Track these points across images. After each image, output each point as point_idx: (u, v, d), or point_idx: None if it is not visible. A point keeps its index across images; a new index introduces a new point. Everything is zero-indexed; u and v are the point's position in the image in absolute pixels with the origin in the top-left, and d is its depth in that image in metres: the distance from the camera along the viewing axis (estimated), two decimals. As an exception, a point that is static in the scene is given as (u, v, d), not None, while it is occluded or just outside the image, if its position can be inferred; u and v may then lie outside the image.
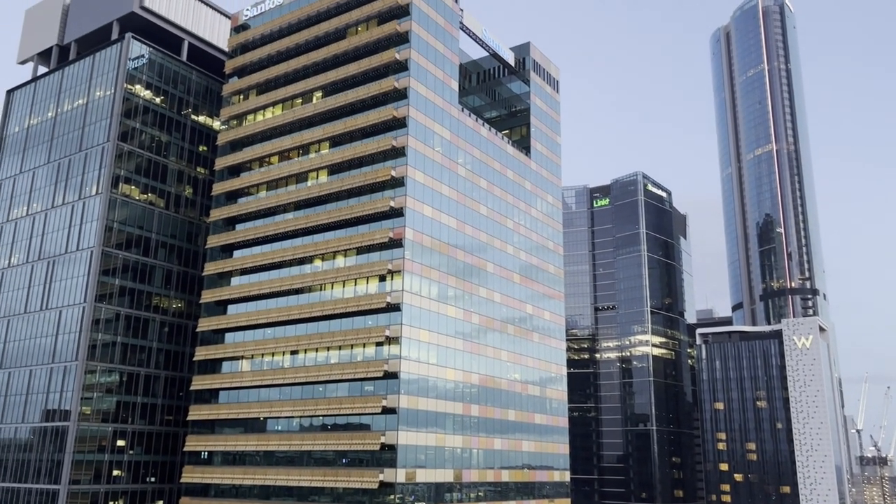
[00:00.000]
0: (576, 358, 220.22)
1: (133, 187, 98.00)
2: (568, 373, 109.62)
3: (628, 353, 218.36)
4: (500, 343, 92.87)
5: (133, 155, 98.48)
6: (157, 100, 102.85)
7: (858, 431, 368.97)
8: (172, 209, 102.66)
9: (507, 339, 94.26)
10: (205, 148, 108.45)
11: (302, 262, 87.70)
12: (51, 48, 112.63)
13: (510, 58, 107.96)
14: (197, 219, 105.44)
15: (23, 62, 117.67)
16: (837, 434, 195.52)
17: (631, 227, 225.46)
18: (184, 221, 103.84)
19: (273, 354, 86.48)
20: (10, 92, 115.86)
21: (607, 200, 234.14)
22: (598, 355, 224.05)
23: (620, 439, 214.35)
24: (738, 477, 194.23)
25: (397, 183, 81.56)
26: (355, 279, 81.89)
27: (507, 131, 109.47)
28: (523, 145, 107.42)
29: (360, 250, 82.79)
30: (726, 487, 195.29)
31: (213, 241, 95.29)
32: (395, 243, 79.71)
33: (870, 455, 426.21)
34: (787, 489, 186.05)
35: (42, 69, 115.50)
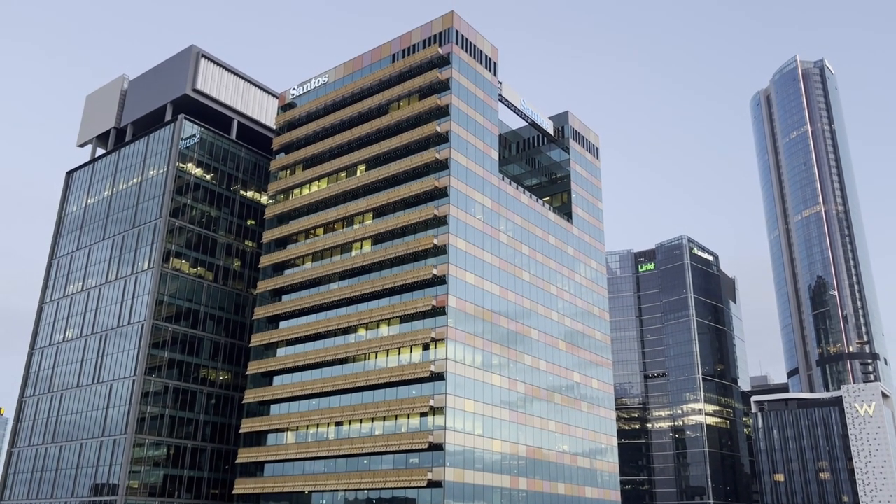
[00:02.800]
0: (626, 428, 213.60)
1: (183, 261, 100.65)
2: (618, 443, 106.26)
3: (681, 423, 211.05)
4: (548, 413, 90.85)
5: (184, 230, 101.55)
6: (208, 176, 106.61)
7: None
8: (221, 282, 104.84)
9: (554, 408, 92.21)
10: (252, 222, 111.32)
11: (346, 331, 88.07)
12: (109, 131, 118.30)
13: (549, 126, 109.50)
14: (244, 291, 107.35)
15: (82, 145, 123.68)
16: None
17: (678, 292, 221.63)
18: (231, 294, 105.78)
19: (318, 426, 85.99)
20: (69, 173, 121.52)
21: (653, 265, 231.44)
22: (649, 425, 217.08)
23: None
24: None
25: (439, 251, 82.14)
26: (399, 348, 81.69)
27: (548, 198, 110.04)
28: (565, 211, 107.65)
29: (404, 319, 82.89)
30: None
31: (260, 312, 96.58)
32: (438, 311, 79.65)
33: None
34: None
35: (100, 150, 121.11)
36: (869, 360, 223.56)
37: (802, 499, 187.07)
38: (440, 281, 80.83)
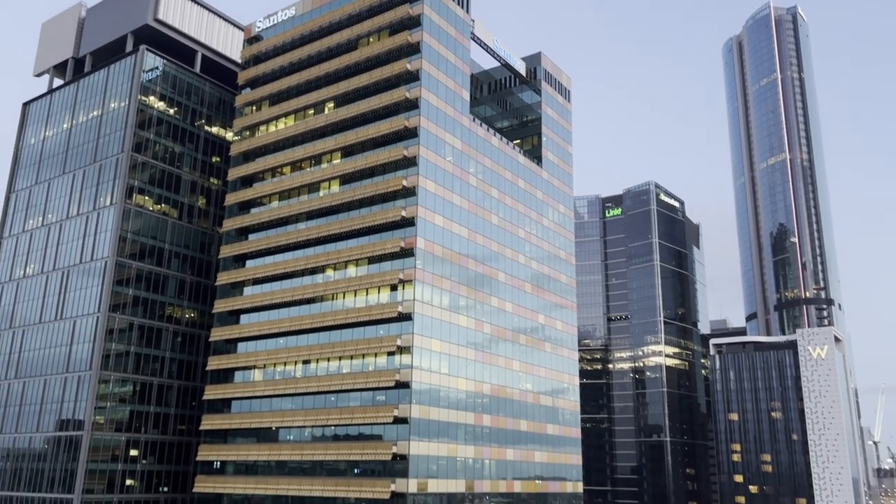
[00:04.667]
0: (588, 368, 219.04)
1: (147, 198, 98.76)
2: (580, 383, 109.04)
3: (641, 364, 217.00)
4: (512, 353, 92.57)
5: (147, 166, 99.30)
6: (171, 111, 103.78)
7: (875, 443, 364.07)
8: (186, 219, 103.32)
9: (518, 349, 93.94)
10: (218, 159, 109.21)
11: (314, 271, 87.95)
12: (66, 61, 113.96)
13: (521, 68, 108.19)
14: (210, 229, 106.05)
15: (39, 75, 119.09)
16: (854, 445, 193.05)
17: (643, 237, 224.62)
18: (197, 232, 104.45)
19: (285, 364, 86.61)
20: (26, 104, 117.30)
21: (620, 210, 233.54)
22: (610, 366, 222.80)
23: (634, 450, 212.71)
24: (753, 489, 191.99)
25: (409, 193, 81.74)
26: (367, 289, 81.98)
27: (518, 141, 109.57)
28: (535, 155, 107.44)
29: (372, 260, 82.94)
30: (741, 499, 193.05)
31: (226, 251, 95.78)
32: (407, 253, 79.79)
33: (887, 467, 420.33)
34: (802, 501, 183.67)
35: (58, 81, 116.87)
36: (824, 306, 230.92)
37: (754, 437, 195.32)
38: (409, 223, 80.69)
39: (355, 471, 77.30)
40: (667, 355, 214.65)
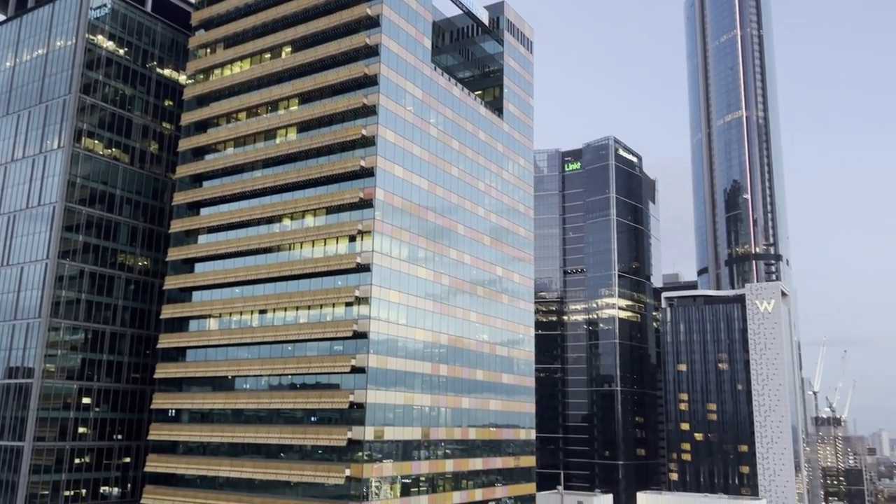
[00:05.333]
0: (544, 320, 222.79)
1: (96, 142, 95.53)
2: (536, 334, 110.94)
3: (595, 316, 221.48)
4: (470, 304, 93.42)
5: (96, 108, 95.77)
6: (121, 51, 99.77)
7: (815, 393, 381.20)
8: (137, 165, 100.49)
9: (476, 300, 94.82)
10: (170, 102, 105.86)
11: (271, 220, 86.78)
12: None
13: (484, 16, 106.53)
14: (163, 175, 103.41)
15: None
16: (794, 395, 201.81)
17: (601, 192, 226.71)
18: (149, 178, 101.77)
19: (241, 313, 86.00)
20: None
21: (579, 164, 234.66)
22: (565, 317, 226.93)
23: (585, 399, 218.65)
24: (699, 436, 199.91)
25: (368, 142, 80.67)
26: (325, 239, 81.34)
27: (479, 92, 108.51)
28: (496, 106, 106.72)
29: (330, 210, 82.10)
30: (687, 446, 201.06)
31: (180, 198, 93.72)
32: (366, 203, 79.16)
33: (824, 416, 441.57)
34: (744, 448, 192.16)
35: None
36: (773, 261, 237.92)
37: (701, 387, 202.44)
38: (368, 173, 79.83)
39: (312, 419, 77.90)
40: (620, 308, 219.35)
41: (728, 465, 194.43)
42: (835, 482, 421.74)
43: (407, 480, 78.28)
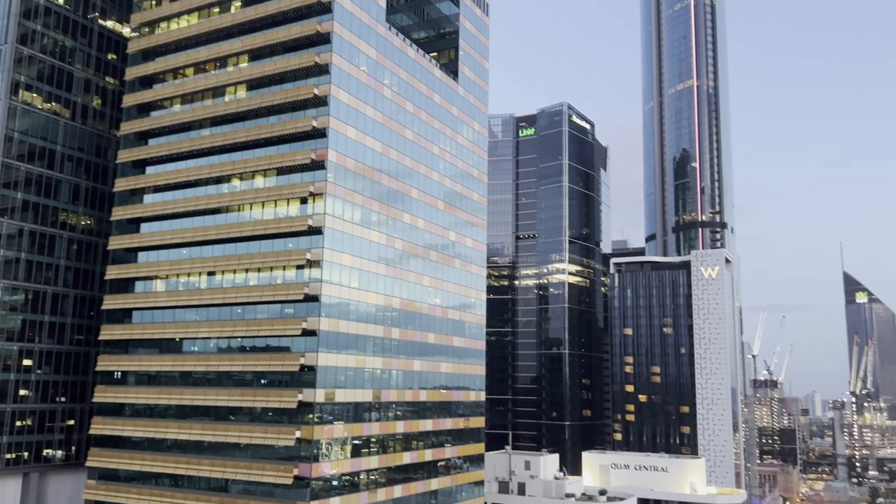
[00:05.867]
0: (495, 285, 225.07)
1: (35, 95, 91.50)
2: (487, 298, 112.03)
3: (546, 281, 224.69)
4: (423, 269, 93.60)
5: (34, 60, 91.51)
6: (60, 0, 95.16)
7: (754, 357, 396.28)
8: (79, 120, 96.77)
9: (429, 264, 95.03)
10: (114, 56, 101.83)
11: (219, 180, 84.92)
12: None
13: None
14: (106, 132, 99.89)
15: None
16: (735, 359, 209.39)
17: (554, 158, 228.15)
18: (92, 134, 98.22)
19: (189, 275, 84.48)
20: None
21: (533, 130, 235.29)
22: (516, 282, 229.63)
23: (534, 362, 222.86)
24: (643, 398, 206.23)
25: (320, 102, 79.19)
26: (275, 200, 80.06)
27: (434, 53, 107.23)
28: (451, 69, 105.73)
29: (281, 171, 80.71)
30: (631, 407, 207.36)
31: (124, 155, 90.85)
32: (318, 165, 78.03)
33: (762, 378, 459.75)
34: (686, 409, 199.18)
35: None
36: (718, 229, 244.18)
37: (646, 350, 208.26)
38: (320, 133, 78.54)
39: (262, 381, 77.56)
40: (570, 273, 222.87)
41: (670, 426, 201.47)
42: (770, 441, 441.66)
43: (358, 442, 78.92)
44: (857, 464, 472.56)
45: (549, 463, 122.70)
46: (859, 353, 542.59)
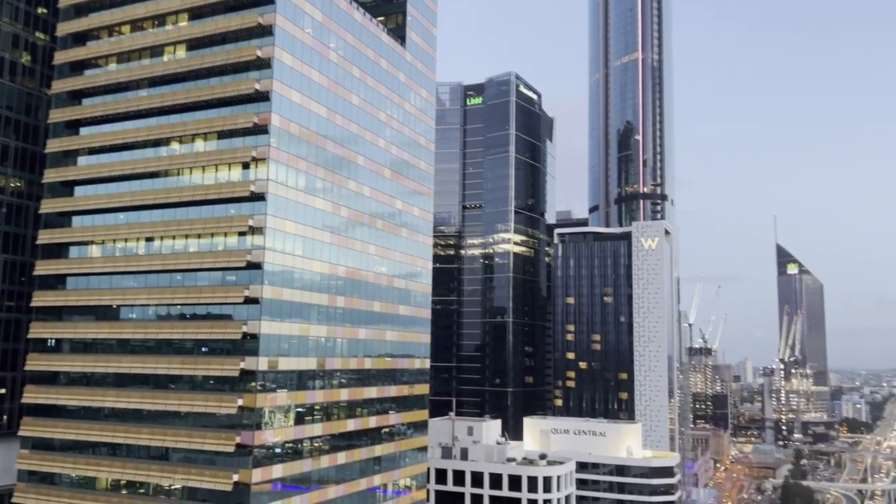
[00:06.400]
0: (442, 254, 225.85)
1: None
2: (433, 268, 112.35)
3: (491, 251, 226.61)
4: (369, 237, 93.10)
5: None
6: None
7: (690, 325, 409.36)
8: (7, 78, 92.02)
9: (375, 233, 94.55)
10: (44, 10, 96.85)
11: (157, 143, 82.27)
12: None
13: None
14: (37, 90, 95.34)
15: None
16: (672, 327, 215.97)
17: (501, 128, 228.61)
18: (21, 92, 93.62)
19: (126, 240, 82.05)
20: None
21: (480, 99, 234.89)
22: (463, 252, 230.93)
23: (479, 330, 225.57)
24: (583, 365, 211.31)
25: (263, 64, 77.14)
26: (216, 165, 78.09)
27: (381, 18, 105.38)
28: (398, 34, 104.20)
29: (222, 135, 78.62)
30: (572, 374, 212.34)
31: (57, 115, 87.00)
32: (261, 129, 76.28)
33: (697, 346, 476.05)
34: (624, 375, 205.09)
35: None
36: (659, 201, 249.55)
37: (587, 318, 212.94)
38: (263, 97, 76.65)
39: (203, 349, 76.36)
40: (515, 243, 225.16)
41: (609, 392, 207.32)
42: (703, 406, 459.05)
43: (301, 410, 78.74)
44: (784, 427, 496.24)
45: (491, 429, 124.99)
46: (789, 322, 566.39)
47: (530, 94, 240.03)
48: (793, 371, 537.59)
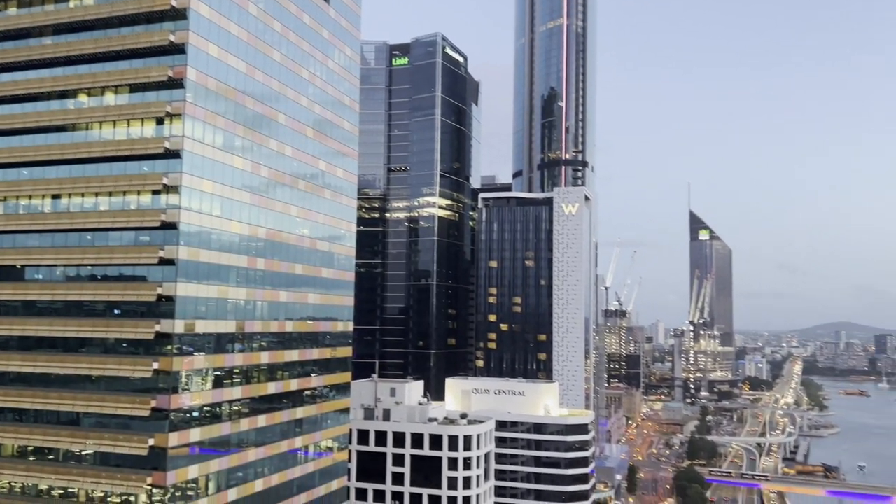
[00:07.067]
0: (366, 216, 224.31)
1: None
2: (358, 230, 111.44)
3: (416, 214, 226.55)
4: (290, 198, 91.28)
5: None
6: None
7: (606, 289, 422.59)
8: None
9: (297, 194, 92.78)
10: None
11: (64, 95, 77.71)
12: None
13: None
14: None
15: None
16: (589, 291, 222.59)
17: (427, 90, 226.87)
18: None
19: (31, 197, 77.73)
20: None
21: (406, 60, 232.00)
22: (387, 215, 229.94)
23: (403, 293, 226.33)
24: (504, 327, 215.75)
25: (178, 14, 73.57)
26: (128, 120, 74.54)
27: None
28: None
29: (135, 88, 74.94)
30: (493, 336, 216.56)
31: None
32: (176, 84, 73.07)
33: (613, 309, 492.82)
34: (543, 337, 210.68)
35: None
36: (580, 167, 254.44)
37: (509, 282, 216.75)
38: (178, 49, 73.27)
39: (116, 311, 73.70)
40: (440, 207, 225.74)
41: (528, 353, 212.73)
42: (617, 366, 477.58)
43: (220, 373, 77.41)
44: (692, 386, 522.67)
45: (413, 390, 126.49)
46: (699, 286, 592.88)
47: (457, 56, 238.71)
48: (701, 332, 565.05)
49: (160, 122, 73.54)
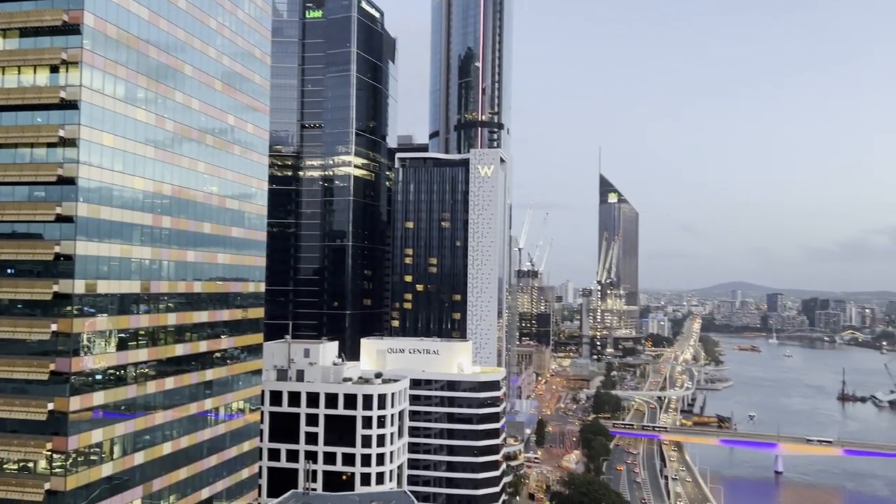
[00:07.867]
0: (279, 174, 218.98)
1: None
2: (270, 189, 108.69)
3: (331, 173, 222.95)
4: (198, 154, 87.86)
5: None
6: None
7: (519, 250, 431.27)
8: None
9: (204, 149, 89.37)
10: None
11: (-56, 37, 71.53)
12: None
13: None
14: None
15: None
16: (503, 252, 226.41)
17: (343, 45, 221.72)
18: None
19: None
20: None
21: (321, 13, 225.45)
22: (301, 173, 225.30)
23: (318, 254, 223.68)
24: (420, 287, 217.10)
25: (74, -45, 68.63)
26: (19, 66, 69.41)
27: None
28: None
29: (25, 32, 69.69)
30: (409, 296, 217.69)
31: None
32: (72, 29, 68.43)
33: (525, 269, 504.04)
34: (458, 297, 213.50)
35: None
36: (496, 129, 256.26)
37: (425, 243, 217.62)
38: (74, -8, 68.48)
39: (9, 271, 69.57)
40: (356, 166, 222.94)
41: (443, 312, 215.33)
42: (528, 325, 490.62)
43: (124, 334, 74.64)
44: (599, 343, 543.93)
45: (328, 350, 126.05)
46: (607, 247, 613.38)
47: (373, 11, 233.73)
48: (608, 292, 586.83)
49: (55, 70, 68.92)
